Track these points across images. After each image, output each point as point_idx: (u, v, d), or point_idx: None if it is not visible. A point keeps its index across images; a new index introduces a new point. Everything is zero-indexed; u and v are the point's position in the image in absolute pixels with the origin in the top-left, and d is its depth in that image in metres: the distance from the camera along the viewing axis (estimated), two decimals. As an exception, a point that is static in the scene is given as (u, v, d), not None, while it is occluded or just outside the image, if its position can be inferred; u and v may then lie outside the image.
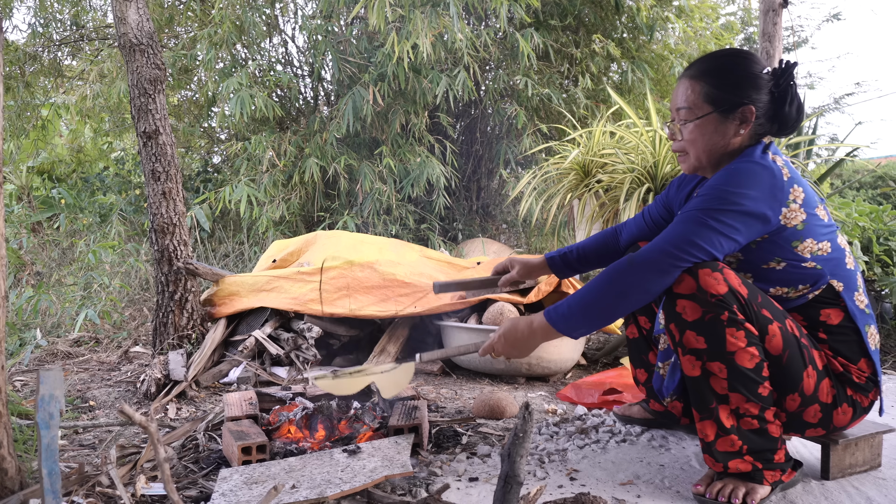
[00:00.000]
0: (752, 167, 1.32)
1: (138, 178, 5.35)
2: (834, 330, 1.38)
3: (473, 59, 4.15)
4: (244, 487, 1.32)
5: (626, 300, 1.30)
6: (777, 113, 1.37)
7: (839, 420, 1.39)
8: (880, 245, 3.15)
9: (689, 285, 1.28)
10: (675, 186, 1.66)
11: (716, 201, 1.29)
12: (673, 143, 1.48)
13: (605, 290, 1.31)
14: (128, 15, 2.42)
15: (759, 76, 1.37)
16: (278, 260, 3.01)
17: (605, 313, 1.32)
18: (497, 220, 5.32)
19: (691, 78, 1.41)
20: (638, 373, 1.77)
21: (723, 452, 1.33)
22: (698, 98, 1.39)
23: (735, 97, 1.36)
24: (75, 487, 1.36)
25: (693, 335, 1.29)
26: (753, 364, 1.29)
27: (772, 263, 1.35)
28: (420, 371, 2.55)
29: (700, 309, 1.28)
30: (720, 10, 5.77)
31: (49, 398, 1.00)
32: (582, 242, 1.76)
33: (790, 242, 1.33)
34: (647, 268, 1.28)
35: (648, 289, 1.29)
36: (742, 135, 1.38)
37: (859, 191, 7.12)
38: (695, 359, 1.31)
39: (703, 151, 1.41)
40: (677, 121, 1.44)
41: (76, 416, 2.02)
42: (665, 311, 1.34)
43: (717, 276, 1.27)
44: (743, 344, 1.28)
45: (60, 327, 3.16)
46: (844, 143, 4.54)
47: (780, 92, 1.37)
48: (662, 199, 1.68)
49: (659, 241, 1.30)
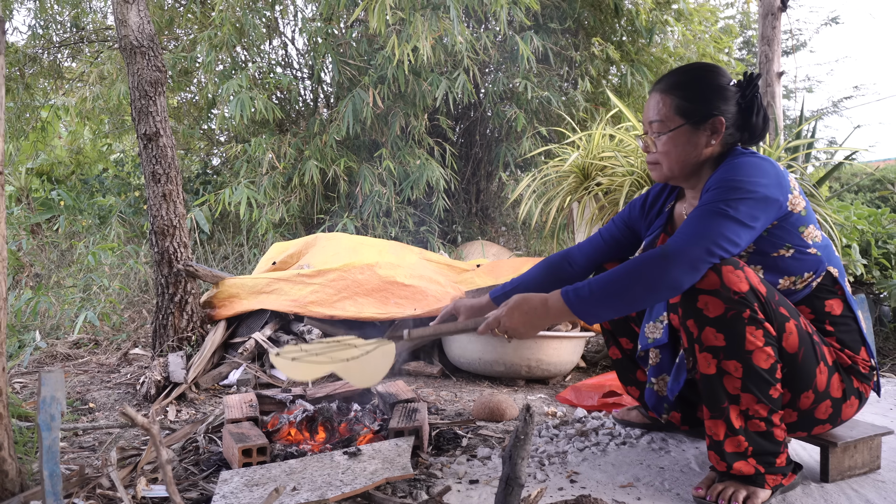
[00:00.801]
0: (753, 160, 1.36)
1: (138, 180, 5.35)
2: (838, 321, 1.42)
3: (473, 62, 4.16)
4: (245, 489, 1.32)
5: (653, 294, 1.29)
6: (745, 122, 1.42)
7: (846, 413, 1.42)
8: (879, 248, 3.16)
9: (713, 281, 1.28)
10: (637, 207, 1.67)
11: (732, 192, 1.30)
12: (647, 155, 1.50)
13: (632, 281, 1.28)
14: (129, 17, 2.42)
15: (727, 88, 1.42)
16: (278, 262, 3.02)
17: (628, 304, 1.30)
18: (496, 223, 5.32)
19: (662, 92, 1.44)
20: (630, 390, 1.77)
21: (730, 453, 1.33)
22: (670, 111, 1.42)
23: (705, 109, 1.40)
24: (76, 489, 1.36)
25: (713, 332, 1.30)
26: (769, 364, 1.30)
27: (781, 251, 1.37)
28: (419, 373, 2.55)
29: (723, 305, 1.28)
30: (719, 14, 5.79)
31: (50, 400, 1.00)
32: (526, 275, 1.69)
33: (797, 227, 1.36)
34: (681, 262, 1.26)
35: (679, 285, 1.28)
36: (713, 145, 1.42)
37: (858, 194, 7.14)
38: (711, 356, 1.31)
39: (675, 162, 1.44)
40: (650, 133, 1.47)
41: (76, 419, 2.02)
42: (683, 307, 1.34)
43: (740, 274, 1.28)
44: (761, 343, 1.29)
45: (60, 329, 3.15)
46: (843, 147, 4.55)
47: (747, 103, 1.42)
48: (623, 217, 1.69)
49: (689, 236, 1.28)
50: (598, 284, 1.31)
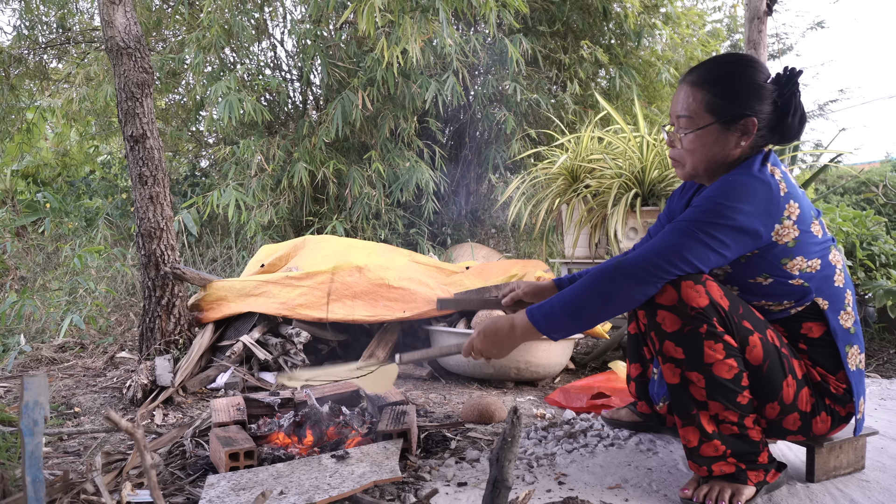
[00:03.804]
0: (748, 181, 1.28)
1: (125, 182, 5.31)
2: (814, 342, 1.38)
3: (462, 65, 4.17)
4: (232, 494, 1.31)
5: (609, 306, 1.29)
6: (779, 124, 1.34)
7: (819, 428, 1.39)
8: (863, 250, 3.19)
9: (671, 296, 1.27)
10: (675, 198, 1.65)
11: (709, 214, 1.26)
12: (670, 150, 1.45)
13: (589, 294, 1.30)
14: (115, 18, 2.40)
15: (763, 86, 1.33)
16: (266, 265, 3.00)
17: (588, 317, 1.31)
18: (486, 225, 5.33)
19: (692, 84, 1.37)
20: (631, 367, 1.78)
21: (706, 457, 1.33)
22: (699, 107, 1.35)
23: (737, 108, 1.32)
24: (60, 495, 1.35)
25: (672, 345, 1.30)
26: (732, 375, 1.29)
27: (759, 279, 1.34)
28: (409, 376, 2.55)
29: (679, 321, 1.27)
30: (706, 18, 5.84)
31: (33, 405, 0.99)
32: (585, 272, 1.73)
33: (779, 259, 1.31)
34: (632, 276, 1.27)
35: (632, 297, 1.28)
36: (742, 146, 1.35)
37: (843, 196, 7.21)
38: (674, 366, 1.31)
39: (700, 161, 1.38)
40: (677, 128, 1.40)
41: (61, 423, 2.00)
42: (646, 319, 1.34)
43: (700, 289, 1.26)
44: (721, 356, 1.27)
45: (45, 333, 3.12)
46: (828, 150, 4.60)
47: (784, 102, 1.33)
48: (665, 213, 1.67)
49: (648, 250, 1.28)
50: (559, 300, 1.32)
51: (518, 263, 2.94)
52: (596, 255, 2.96)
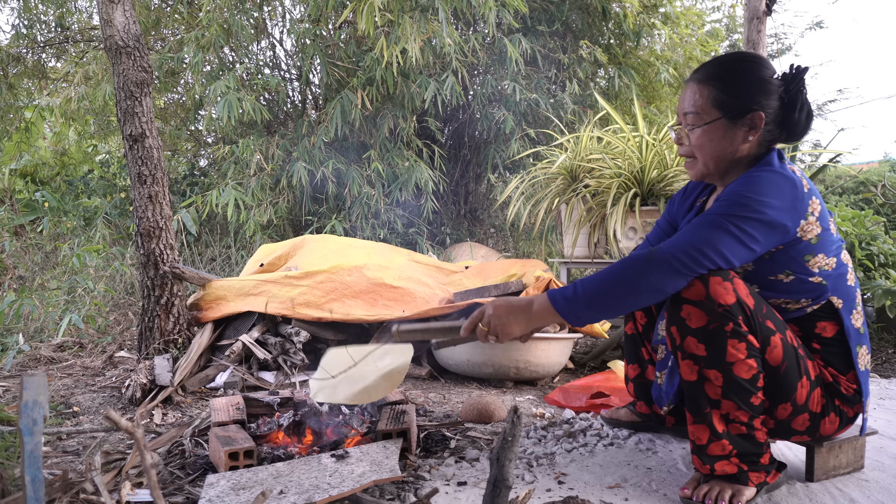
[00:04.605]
0: (773, 176, 1.29)
1: (123, 182, 5.30)
2: (828, 342, 1.38)
3: (462, 64, 4.17)
4: (231, 493, 1.31)
5: (637, 296, 1.27)
6: (787, 119, 1.35)
7: (826, 429, 1.40)
8: (862, 250, 3.19)
9: (699, 292, 1.26)
10: (676, 202, 1.64)
11: (739, 207, 1.25)
12: (679, 148, 1.45)
13: (617, 283, 1.27)
14: (114, 17, 2.40)
15: (769, 81, 1.34)
16: (266, 264, 3.00)
17: (613, 306, 1.28)
18: (485, 225, 5.33)
19: (699, 82, 1.38)
20: (629, 368, 1.77)
21: (712, 455, 1.34)
22: (706, 103, 1.36)
23: (744, 103, 1.34)
24: (59, 495, 1.35)
25: (694, 342, 1.28)
26: (750, 375, 1.28)
27: (780, 276, 1.34)
28: (408, 375, 2.55)
29: (706, 317, 1.26)
30: (706, 18, 5.84)
31: (32, 404, 0.99)
32: None
33: (803, 256, 1.31)
34: (664, 267, 1.24)
35: (662, 288, 1.26)
36: (750, 141, 1.35)
37: (842, 196, 7.22)
38: (693, 363, 1.30)
39: (710, 157, 1.39)
40: (684, 125, 1.41)
41: (60, 422, 1.99)
42: (668, 313, 1.32)
43: (727, 286, 1.25)
44: (743, 356, 1.27)
45: (44, 332, 3.12)
46: (827, 150, 4.60)
47: (790, 98, 1.34)
48: (665, 216, 1.67)
49: (680, 241, 1.26)
50: (584, 285, 1.30)
51: (517, 263, 2.94)
52: (595, 254, 2.96)
